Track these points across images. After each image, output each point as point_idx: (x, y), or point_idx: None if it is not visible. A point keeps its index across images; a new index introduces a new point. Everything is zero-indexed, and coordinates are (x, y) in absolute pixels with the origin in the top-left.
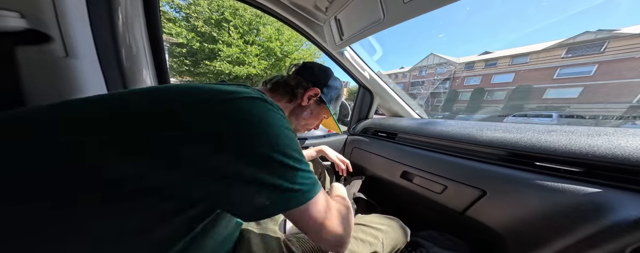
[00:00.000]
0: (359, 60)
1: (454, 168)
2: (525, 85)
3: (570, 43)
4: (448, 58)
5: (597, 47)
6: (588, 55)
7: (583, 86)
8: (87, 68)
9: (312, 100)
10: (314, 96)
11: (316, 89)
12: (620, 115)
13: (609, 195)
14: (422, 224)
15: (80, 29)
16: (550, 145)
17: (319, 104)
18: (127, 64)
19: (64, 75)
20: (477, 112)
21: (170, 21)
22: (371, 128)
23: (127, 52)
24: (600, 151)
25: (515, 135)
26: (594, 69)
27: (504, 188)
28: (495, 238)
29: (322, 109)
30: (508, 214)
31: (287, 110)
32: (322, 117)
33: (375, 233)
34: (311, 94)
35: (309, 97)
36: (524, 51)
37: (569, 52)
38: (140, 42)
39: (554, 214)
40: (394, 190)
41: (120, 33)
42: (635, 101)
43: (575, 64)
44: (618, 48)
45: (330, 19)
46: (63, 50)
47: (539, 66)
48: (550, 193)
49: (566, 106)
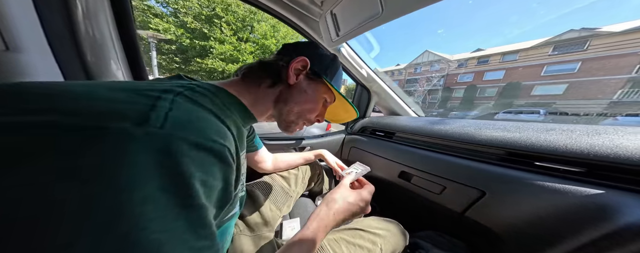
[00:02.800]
0: (356, 57)
1: (452, 168)
2: (515, 82)
3: (556, 41)
4: (442, 55)
5: (580, 45)
6: (572, 53)
7: (568, 83)
8: (37, 63)
9: (302, 75)
10: (302, 69)
11: (303, 57)
12: (601, 111)
13: (613, 197)
14: (421, 224)
15: (22, 19)
16: (550, 145)
17: (314, 80)
18: (92, 59)
19: (5, 71)
20: (470, 109)
21: (157, 16)
22: (369, 127)
23: (90, 45)
24: (603, 151)
25: (514, 134)
26: (578, 66)
27: (504, 188)
28: (495, 239)
29: (319, 85)
30: (508, 215)
31: (272, 97)
32: (323, 98)
33: (374, 238)
34: (298, 66)
35: (297, 71)
36: (514, 48)
37: (555, 50)
38: (107, 34)
39: (556, 216)
40: (392, 190)
41: (79, 24)
42: (616, 97)
43: (561, 61)
44: (599, 46)
45: (325, 13)
46: (1, 43)
47: (528, 63)
48: (552, 194)
49: (552, 102)
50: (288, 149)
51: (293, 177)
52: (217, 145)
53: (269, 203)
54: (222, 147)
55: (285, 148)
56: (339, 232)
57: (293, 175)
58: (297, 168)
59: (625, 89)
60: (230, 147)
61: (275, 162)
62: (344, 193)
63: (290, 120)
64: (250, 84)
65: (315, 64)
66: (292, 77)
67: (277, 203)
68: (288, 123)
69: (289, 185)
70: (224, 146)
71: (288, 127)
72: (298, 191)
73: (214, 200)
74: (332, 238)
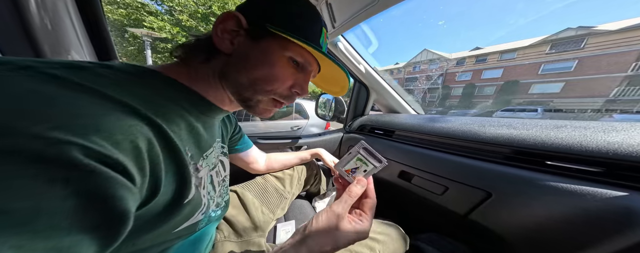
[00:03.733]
0: (354, 52)
1: (455, 168)
2: (512, 81)
3: (553, 39)
4: (441, 54)
5: (577, 43)
6: (569, 52)
7: (564, 81)
8: None
9: (239, 36)
10: (238, 29)
11: (230, 13)
12: (598, 108)
13: (638, 199)
14: (422, 226)
15: None
16: (563, 143)
17: (260, 37)
18: (48, 50)
19: None
20: (469, 108)
21: (152, 14)
22: (368, 126)
23: (46, 36)
24: (623, 149)
25: (521, 132)
26: (574, 64)
27: (511, 189)
28: (501, 243)
29: (270, 42)
30: (516, 219)
31: (213, 74)
32: (284, 57)
33: (372, 244)
34: (228, 27)
35: (231, 34)
36: (512, 47)
37: (552, 48)
38: (69, 24)
39: (571, 220)
40: (392, 191)
41: (32, 14)
42: (612, 95)
43: (558, 60)
44: (596, 44)
45: (321, 3)
46: None
47: (526, 62)
48: (566, 196)
49: (549, 101)
50: (284, 149)
51: (288, 177)
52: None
53: (261, 206)
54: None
55: (280, 148)
56: None
57: (288, 175)
58: (292, 169)
59: (622, 87)
60: (111, 143)
61: (269, 163)
62: (331, 227)
63: (245, 97)
64: (189, 64)
65: (252, 13)
66: (224, 43)
67: (270, 205)
68: (245, 100)
69: (284, 186)
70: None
71: (250, 107)
72: (293, 192)
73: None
74: None
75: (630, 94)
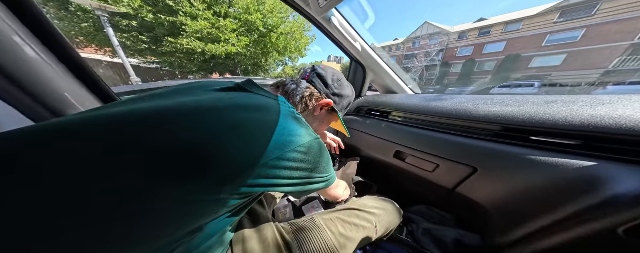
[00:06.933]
0: (349, 28)
1: (445, 147)
2: (514, 55)
3: (564, 5)
4: (442, 27)
5: (589, 9)
6: (579, 19)
7: (567, 53)
8: None
9: (324, 109)
10: (326, 106)
11: (330, 101)
12: (592, 81)
13: (606, 168)
14: (414, 201)
15: None
16: (550, 118)
17: (330, 113)
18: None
19: None
20: (467, 85)
21: None
22: (365, 107)
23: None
24: (604, 122)
25: (513, 109)
26: (581, 34)
27: (495, 164)
28: (483, 213)
29: (332, 117)
30: (496, 190)
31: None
32: (331, 122)
33: (369, 217)
34: (324, 105)
35: (322, 108)
36: (519, 17)
37: (561, 16)
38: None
39: (545, 189)
40: (388, 170)
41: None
42: (611, 66)
43: (565, 29)
44: (608, 10)
45: None
46: None
47: (530, 33)
48: (543, 168)
49: (548, 75)
50: None
51: None
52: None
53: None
54: None
55: None
56: (335, 212)
57: None
58: None
59: (624, 56)
60: None
61: None
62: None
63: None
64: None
65: (337, 104)
66: (318, 111)
67: None
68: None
69: None
70: None
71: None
72: None
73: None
74: (328, 218)
75: (628, 64)
